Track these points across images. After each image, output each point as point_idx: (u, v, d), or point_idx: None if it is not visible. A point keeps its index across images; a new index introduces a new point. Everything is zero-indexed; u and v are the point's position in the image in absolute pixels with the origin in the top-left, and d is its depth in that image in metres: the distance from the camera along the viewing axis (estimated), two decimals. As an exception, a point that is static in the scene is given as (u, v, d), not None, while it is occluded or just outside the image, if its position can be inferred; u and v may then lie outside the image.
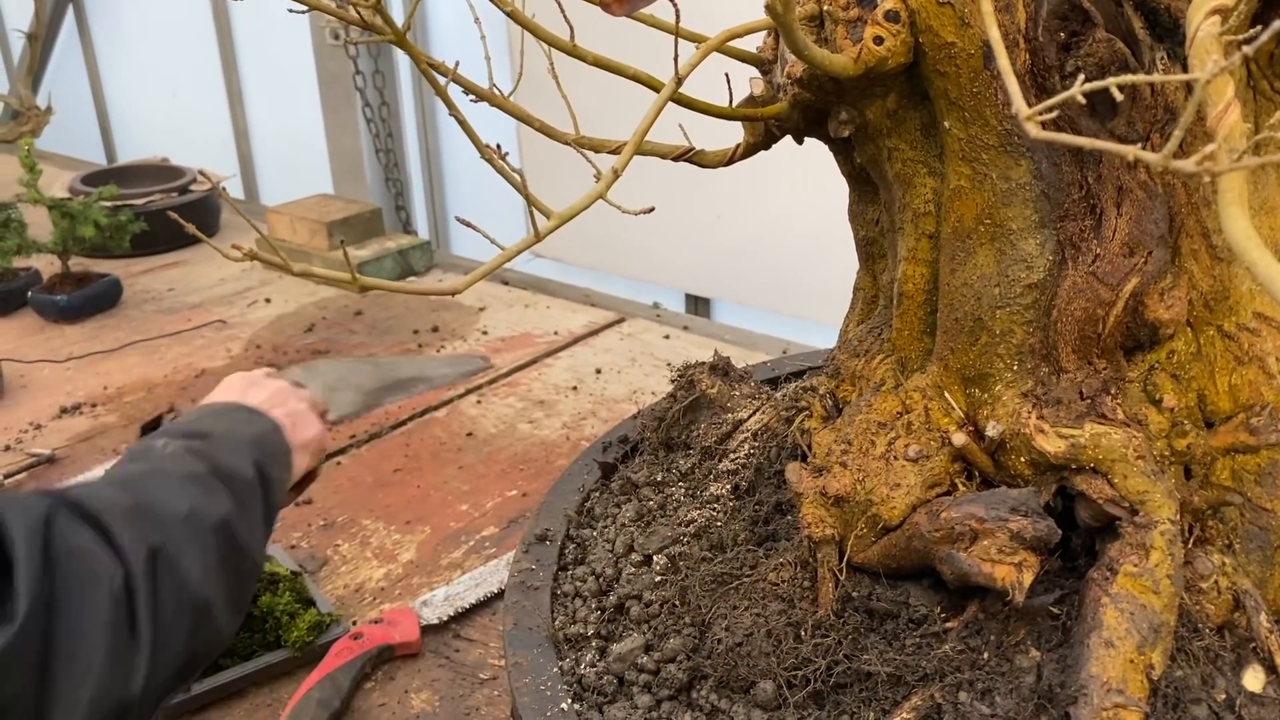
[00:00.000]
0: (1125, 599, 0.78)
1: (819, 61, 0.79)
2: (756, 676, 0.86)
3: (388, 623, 1.40)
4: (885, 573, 0.90)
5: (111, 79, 4.60)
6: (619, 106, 1.08)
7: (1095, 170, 0.82)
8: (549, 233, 0.68)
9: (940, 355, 0.90)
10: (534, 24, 0.82)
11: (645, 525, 1.11)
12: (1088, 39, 0.79)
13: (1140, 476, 0.80)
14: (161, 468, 0.97)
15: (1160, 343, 0.85)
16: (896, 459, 0.87)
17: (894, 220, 0.95)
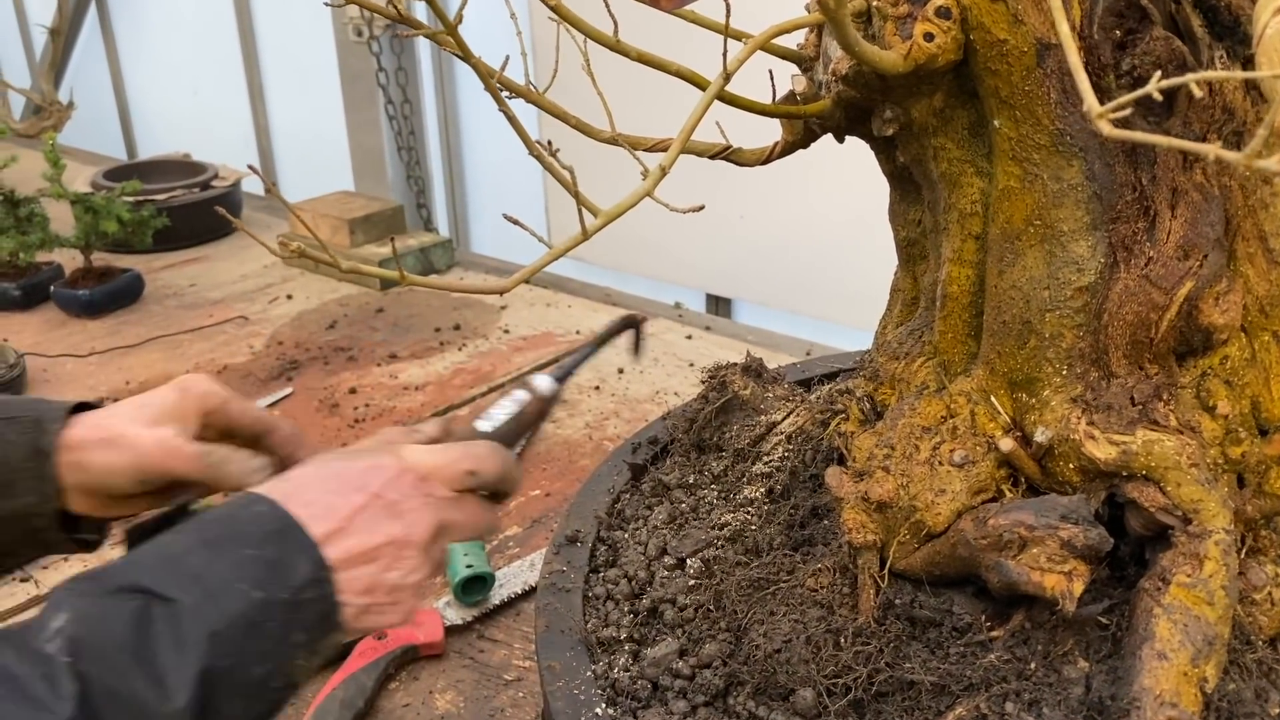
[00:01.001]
0: (1178, 610, 0.76)
1: (868, 58, 0.77)
2: (796, 684, 0.85)
3: (412, 623, 1.39)
4: (928, 580, 0.88)
5: (133, 74, 4.61)
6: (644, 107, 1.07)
7: (1149, 171, 0.80)
8: (596, 230, 0.67)
9: (986, 359, 0.88)
10: (577, 18, 0.81)
11: (678, 528, 1.09)
12: (1144, 37, 0.77)
13: (1194, 485, 0.79)
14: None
15: (1214, 348, 0.84)
16: (941, 464, 0.86)
17: (938, 221, 0.93)
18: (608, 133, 0.90)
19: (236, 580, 0.72)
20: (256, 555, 0.74)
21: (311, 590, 0.75)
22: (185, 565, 0.72)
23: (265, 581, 0.73)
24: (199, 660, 0.68)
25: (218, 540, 0.75)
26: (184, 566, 0.72)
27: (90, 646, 0.67)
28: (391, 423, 1.93)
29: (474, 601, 1.44)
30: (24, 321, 2.40)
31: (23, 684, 0.65)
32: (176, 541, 0.75)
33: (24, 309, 2.44)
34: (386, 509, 0.80)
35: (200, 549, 0.74)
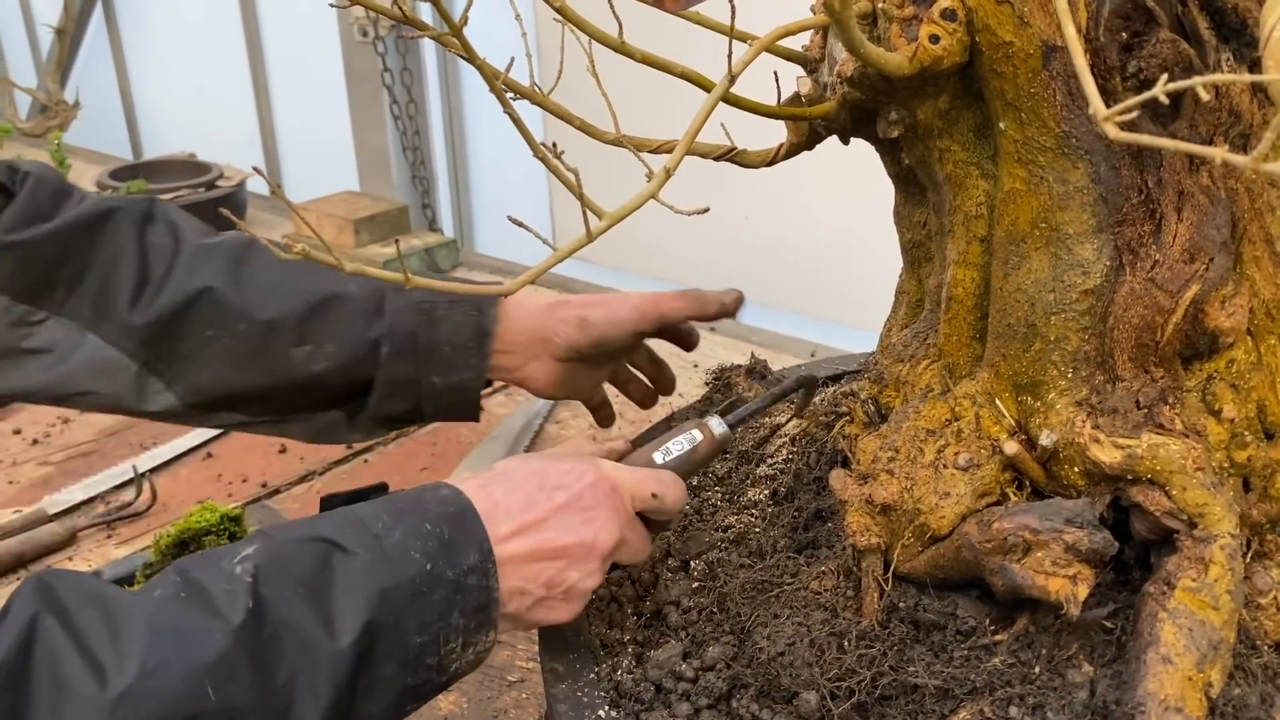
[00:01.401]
0: (1183, 614, 0.76)
1: (874, 60, 0.77)
2: (799, 687, 0.85)
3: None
4: (932, 583, 0.88)
5: (139, 74, 4.62)
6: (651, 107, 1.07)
7: (1155, 174, 0.80)
8: (600, 233, 0.67)
9: (991, 361, 0.88)
10: (582, 19, 0.81)
11: (682, 530, 1.09)
12: (1151, 39, 0.77)
13: (1199, 489, 0.78)
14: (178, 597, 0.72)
15: (1220, 351, 0.83)
16: (946, 467, 0.86)
17: (943, 223, 0.93)
18: (612, 134, 0.90)
19: (412, 549, 0.77)
20: (432, 530, 0.79)
21: (475, 577, 0.79)
22: (368, 526, 0.78)
23: (436, 556, 0.78)
24: (367, 610, 0.73)
25: (400, 512, 0.80)
26: (367, 527, 0.78)
27: (272, 575, 0.73)
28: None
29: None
30: (29, 321, 2.41)
31: (205, 592, 0.71)
32: (364, 508, 0.82)
33: (29, 308, 2.44)
34: (582, 512, 0.86)
35: (384, 515, 0.79)
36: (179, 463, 1.81)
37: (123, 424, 1.95)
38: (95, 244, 1.12)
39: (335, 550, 0.76)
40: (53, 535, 1.56)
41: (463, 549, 0.79)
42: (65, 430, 1.93)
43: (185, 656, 0.68)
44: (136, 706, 0.65)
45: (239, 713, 0.69)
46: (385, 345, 1.14)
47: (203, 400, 1.16)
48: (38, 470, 1.80)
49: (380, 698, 0.76)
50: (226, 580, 0.72)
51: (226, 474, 1.77)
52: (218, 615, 0.70)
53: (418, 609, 0.76)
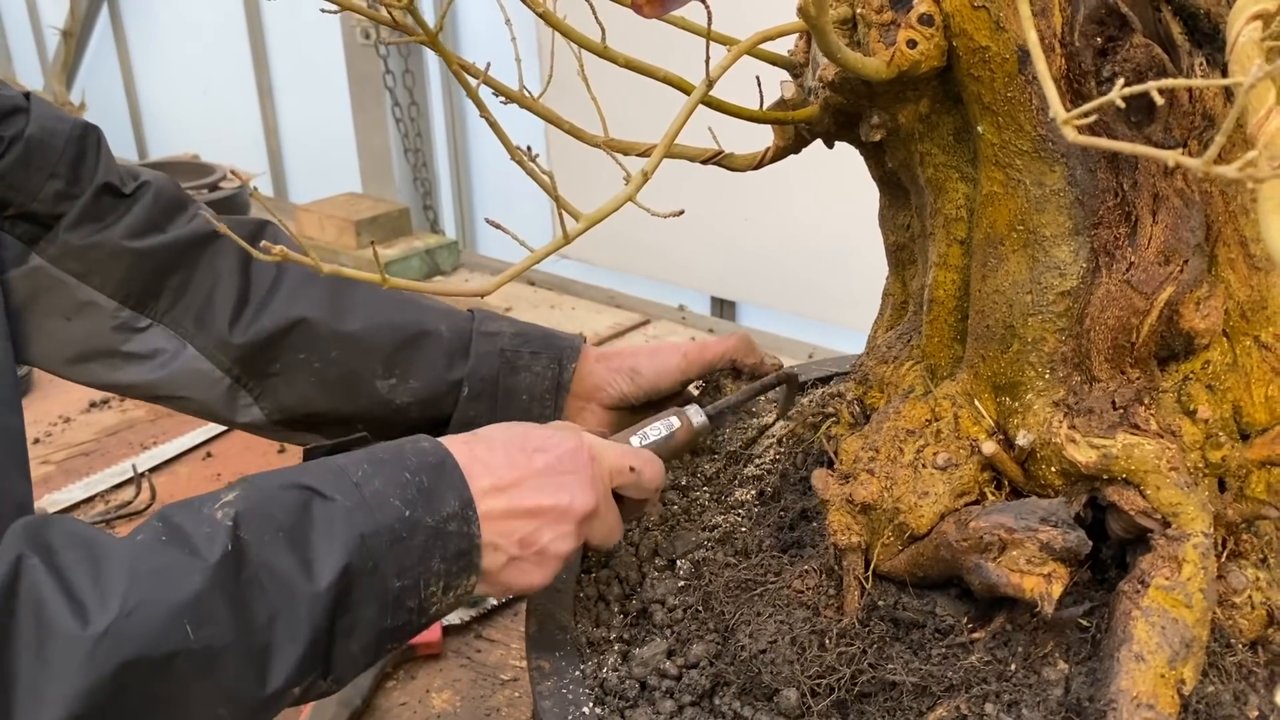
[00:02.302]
0: (1156, 612, 0.77)
1: (852, 64, 0.78)
2: (780, 684, 0.86)
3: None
4: (912, 582, 0.89)
5: (144, 76, 4.64)
6: (649, 109, 1.08)
7: (1131, 177, 0.80)
8: (577, 235, 0.68)
9: (970, 363, 0.89)
10: (565, 25, 0.82)
11: (670, 529, 1.10)
12: (1125, 44, 0.78)
13: (1173, 488, 0.79)
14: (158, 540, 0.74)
15: (1195, 353, 0.84)
16: (925, 467, 0.87)
17: (925, 225, 0.94)
18: (599, 137, 0.91)
19: (391, 496, 0.79)
20: (411, 479, 0.81)
21: (455, 524, 0.82)
22: (348, 474, 0.80)
23: (415, 503, 0.80)
24: (346, 555, 0.75)
25: (380, 461, 0.82)
26: (347, 475, 0.80)
27: (252, 520, 0.75)
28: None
29: (473, 601, 1.45)
30: (33, 321, 2.42)
31: (186, 535, 0.73)
32: (345, 458, 0.84)
33: (33, 309, 2.46)
34: (560, 475, 0.89)
35: (364, 464, 0.82)
36: (178, 462, 1.83)
37: (123, 423, 1.97)
38: (202, 259, 1.17)
39: (315, 496, 0.78)
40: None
41: (442, 497, 0.81)
42: (66, 429, 1.94)
43: (165, 596, 0.70)
44: (118, 644, 0.67)
45: (218, 651, 0.71)
46: (466, 387, 1.20)
47: (287, 419, 1.21)
48: (39, 469, 1.81)
49: (360, 638, 0.78)
50: (207, 524, 0.74)
51: (226, 473, 1.79)
52: (197, 555, 0.72)
53: (396, 554, 0.78)
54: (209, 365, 1.17)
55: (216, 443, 1.88)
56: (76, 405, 2.03)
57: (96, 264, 1.12)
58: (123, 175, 1.16)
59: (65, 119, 1.12)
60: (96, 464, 1.81)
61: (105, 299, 1.13)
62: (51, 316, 1.14)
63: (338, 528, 0.76)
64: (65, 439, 1.91)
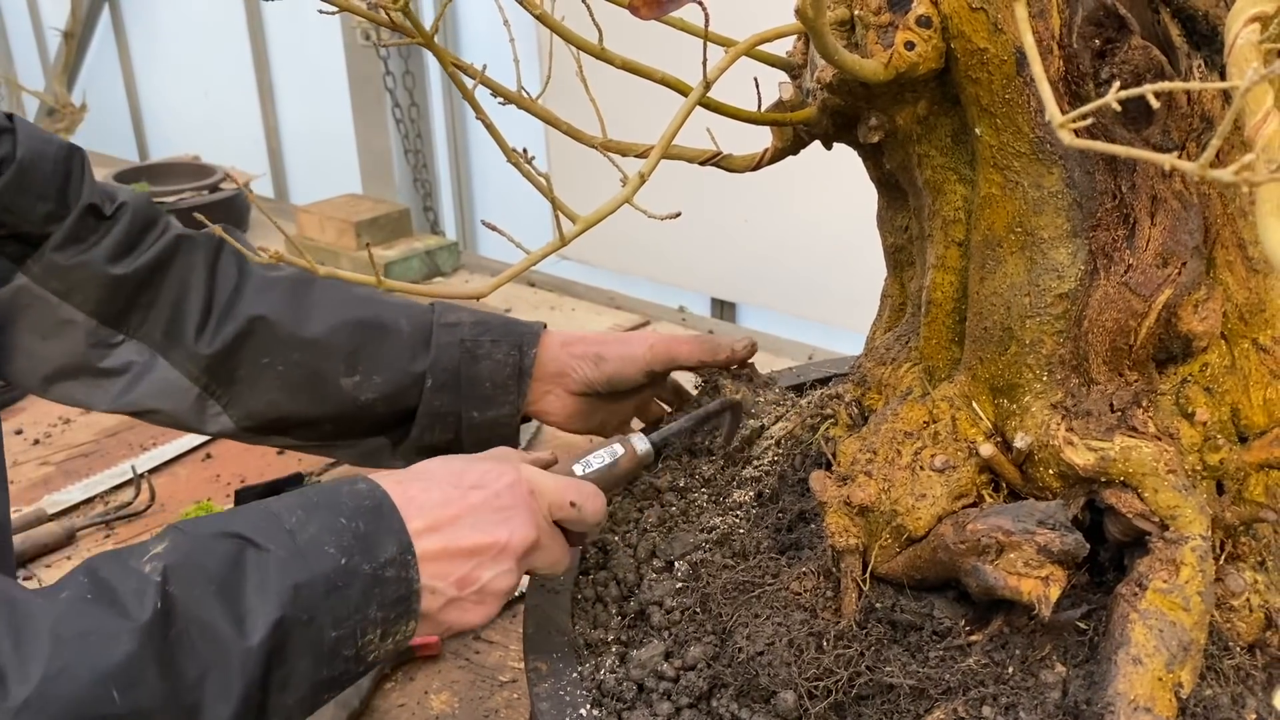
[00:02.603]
0: (1154, 615, 0.77)
1: (849, 66, 0.78)
2: (777, 686, 0.85)
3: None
4: (909, 584, 0.89)
5: (145, 77, 4.65)
6: (647, 110, 1.08)
7: (1129, 179, 0.80)
8: (574, 237, 0.68)
9: (968, 365, 0.89)
10: (561, 26, 0.82)
11: (668, 531, 1.10)
12: (1123, 46, 0.78)
13: (1171, 491, 0.79)
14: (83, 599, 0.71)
15: (1193, 355, 0.84)
16: (922, 469, 0.86)
17: (923, 227, 0.94)
18: (597, 139, 0.91)
19: (326, 543, 0.76)
20: (348, 525, 0.78)
21: (394, 570, 0.79)
22: (281, 521, 0.77)
23: (352, 550, 0.77)
24: (280, 608, 0.72)
25: (315, 506, 0.79)
26: (280, 522, 0.77)
27: (182, 574, 0.72)
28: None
29: None
30: (33, 322, 2.42)
31: (113, 592, 0.70)
32: (278, 502, 0.80)
33: (33, 310, 2.46)
34: (497, 512, 0.86)
35: (298, 510, 0.78)
36: (178, 463, 1.83)
37: (123, 424, 1.97)
38: (171, 272, 1.20)
39: (248, 546, 0.75)
40: (51, 535, 1.58)
41: (380, 542, 0.79)
42: (66, 430, 1.94)
43: (90, 661, 0.67)
44: (38, 715, 0.64)
45: (147, 713, 0.68)
46: (429, 379, 1.23)
47: (256, 424, 1.24)
48: (38, 470, 1.81)
49: (295, 690, 0.75)
50: (135, 579, 0.71)
51: (225, 474, 1.79)
52: (125, 616, 0.69)
53: (333, 603, 0.75)
54: (178, 375, 1.19)
55: (216, 444, 1.88)
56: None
57: (78, 284, 1.15)
58: (103, 196, 1.18)
59: (51, 140, 1.15)
60: (96, 465, 1.81)
61: (84, 317, 1.16)
62: (30, 334, 1.16)
63: (271, 578, 0.74)
64: (65, 440, 1.91)
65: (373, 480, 0.84)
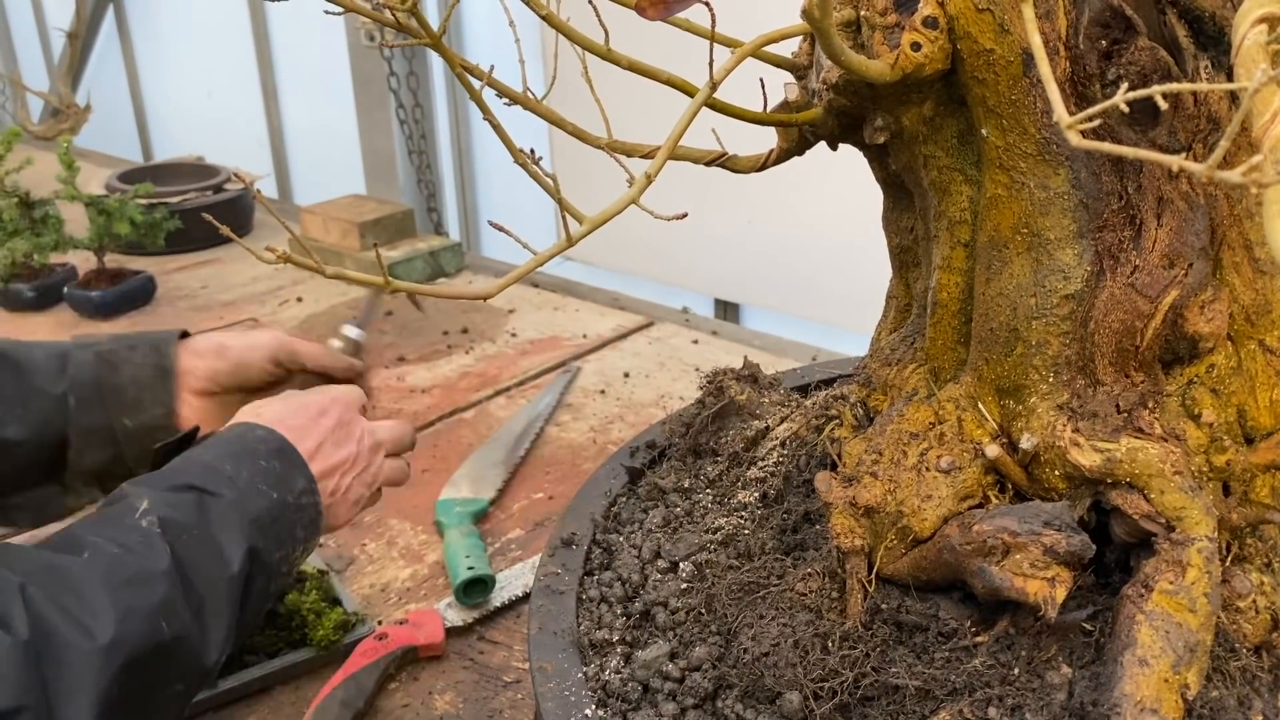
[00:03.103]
0: (1160, 617, 0.77)
1: (855, 67, 0.78)
2: (782, 687, 0.85)
3: (412, 624, 1.40)
4: (915, 585, 0.89)
5: (149, 78, 4.65)
6: (652, 111, 1.08)
7: (1135, 180, 0.80)
8: (581, 238, 0.68)
9: (974, 365, 0.89)
10: (567, 27, 0.82)
11: (672, 532, 1.10)
12: (1129, 47, 0.78)
13: (1177, 492, 0.79)
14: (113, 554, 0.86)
15: (1200, 356, 0.84)
16: (928, 470, 0.86)
17: (929, 228, 0.94)
18: (603, 139, 0.91)
19: (259, 483, 0.97)
20: (267, 467, 0.98)
21: (306, 497, 1.01)
22: (221, 471, 0.96)
23: (277, 486, 0.98)
24: (245, 539, 0.93)
25: (238, 455, 0.99)
26: (220, 472, 0.96)
27: (171, 524, 0.90)
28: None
29: (475, 603, 1.45)
30: (37, 322, 2.43)
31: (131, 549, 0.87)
32: (206, 453, 0.99)
33: (37, 310, 2.47)
34: (344, 429, 1.09)
35: (227, 460, 0.98)
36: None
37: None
38: None
39: (203, 495, 0.93)
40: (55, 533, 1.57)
41: (293, 478, 1.00)
42: (71, 431, 1.94)
43: (143, 602, 0.84)
44: (121, 649, 0.81)
45: (182, 638, 0.87)
46: (71, 397, 1.19)
47: None
48: (43, 470, 1.81)
49: (256, 605, 0.96)
50: (139, 534, 0.88)
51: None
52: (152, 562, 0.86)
53: (275, 530, 0.96)
54: None
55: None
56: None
57: None
58: None
59: None
60: (100, 465, 1.81)
61: None
62: None
63: (231, 518, 0.93)
64: (69, 440, 1.92)
65: (263, 425, 1.03)
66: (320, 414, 1.08)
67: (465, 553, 1.50)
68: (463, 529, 1.59)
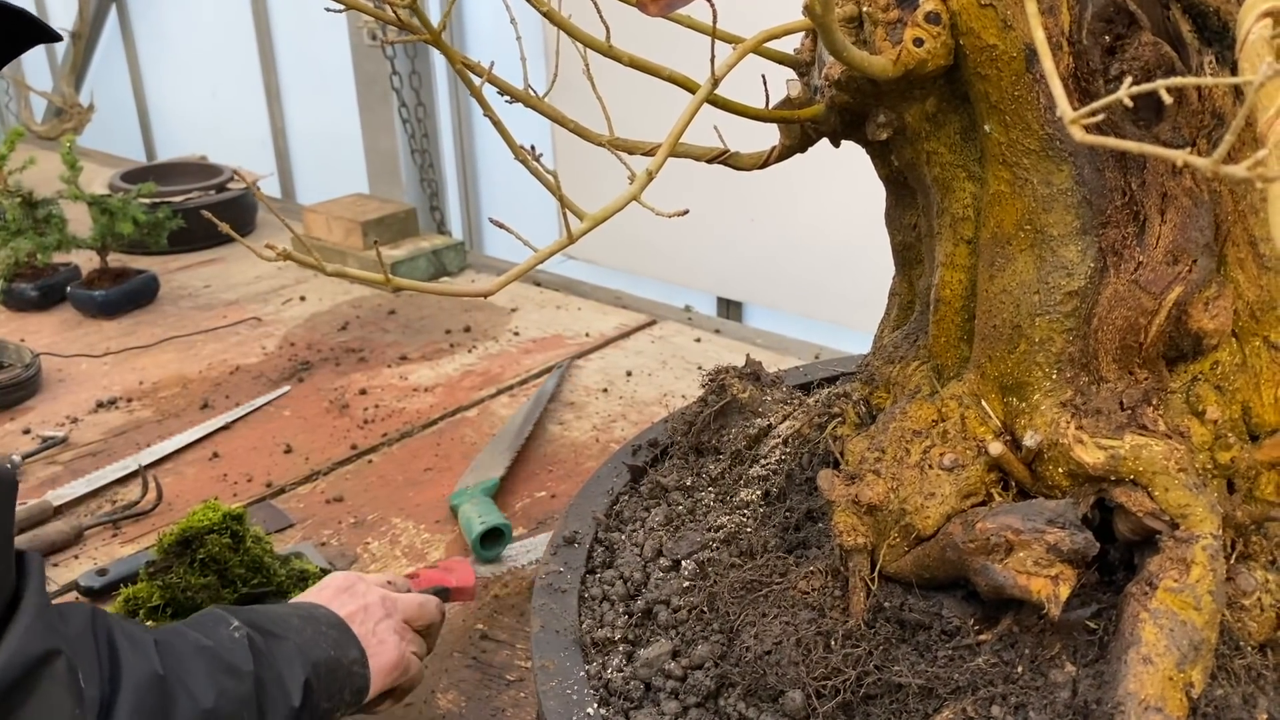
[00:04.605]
0: (1165, 615, 0.76)
1: (858, 63, 0.78)
2: (785, 685, 0.85)
3: (444, 568, 1.38)
4: (918, 583, 0.88)
5: (153, 77, 4.65)
6: (655, 108, 1.07)
7: (1139, 176, 0.80)
8: (581, 235, 0.68)
9: (977, 363, 0.88)
10: (569, 24, 0.82)
11: (674, 530, 1.10)
12: (1133, 42, 0.77)
13: (1182, 490, 0.79)
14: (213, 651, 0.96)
15: (1204, 353, 0.84)
16: (931, 468, 0.86)
17: (931, 225, 0.94)
18: (604, 137, 0.91)
19: (320, 640, 1.05)
20: (327, 633, 1.07)
21: (358, 667, 1.07)
22: (289, 622, 1.05)
23: (336, 646, 1.06)
24: (305, 676, 1.00)
25: (304, 616, 1.07)
26: (288, 623, 1.05)
27: (254, 641, 0.99)
28: (401, 423, 1.94)
29: (493, 557, 1.46)
30: (41, 322, 2.43)
31: (223, 644, 0.97)
32: (274, 610, 1.07)
33: (41, 309, 2.47)
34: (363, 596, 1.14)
35: (294, 618, 1.06)
36: (185, 462, 1.83)
37: (130, 423, 1.97)
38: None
39: (269, 636, 1.01)
40: (60, 533, 1.58)
41: (348, 647, 1.08)
42: (74, 430, 1.95)
43: (232, 691, 0.94)
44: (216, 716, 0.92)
45: None
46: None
47: None
48: (46, 469, 1.81)
49: None
50: (230, 640, 0.98)
51: (232, 474, 1.79)
52: (241, 662, 0.96)
53: (327, 682, 1.03)
54: None
55: (223, 444, 1.88)
56: (84, 405, 2.04)
57: None
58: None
59: None
60: (103, 464, 1.82)
61: None
62: None
63: (295, 657, 1.01)
64: (72, 439, 1.92)
65: (325, 606, 1.11)
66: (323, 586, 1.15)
67: (478, 514, 1.52)
68: (474, 501, 1.61)
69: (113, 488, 1.75)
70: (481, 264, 2.83)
